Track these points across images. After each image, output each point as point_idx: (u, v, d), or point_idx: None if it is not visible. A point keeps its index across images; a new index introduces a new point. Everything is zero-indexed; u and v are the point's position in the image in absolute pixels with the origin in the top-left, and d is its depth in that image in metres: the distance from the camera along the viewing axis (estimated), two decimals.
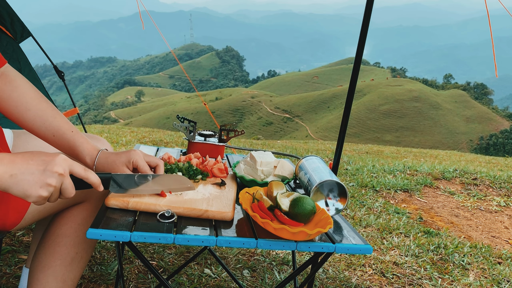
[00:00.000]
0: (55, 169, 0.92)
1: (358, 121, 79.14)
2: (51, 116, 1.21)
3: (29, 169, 0.91)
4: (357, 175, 4.39)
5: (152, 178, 1.18)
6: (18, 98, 1.19)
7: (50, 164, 0.92)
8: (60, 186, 0.94)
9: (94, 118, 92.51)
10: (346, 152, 8.47)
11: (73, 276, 1.25)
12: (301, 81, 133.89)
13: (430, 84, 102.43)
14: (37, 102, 1.21)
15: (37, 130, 1.21)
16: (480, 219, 3.46)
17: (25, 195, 0.90)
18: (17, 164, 0.90)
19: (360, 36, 1.63)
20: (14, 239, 2.27)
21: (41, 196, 0.91)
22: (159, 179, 1.19)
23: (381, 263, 2.43)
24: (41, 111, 1.20)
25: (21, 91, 1.20)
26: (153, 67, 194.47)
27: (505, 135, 69.76)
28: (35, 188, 0.90)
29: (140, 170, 1.21)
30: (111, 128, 9.93)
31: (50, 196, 0.94)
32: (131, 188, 1.14)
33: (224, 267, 1.92)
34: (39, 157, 0.93)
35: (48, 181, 0.91)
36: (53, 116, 1.21)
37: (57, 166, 0.93)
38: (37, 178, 0.90)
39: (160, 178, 1.20)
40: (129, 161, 1.20)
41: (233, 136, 1.81)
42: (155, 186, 1.18)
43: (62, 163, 0.94)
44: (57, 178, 0.93)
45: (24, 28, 3.11)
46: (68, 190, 0.96)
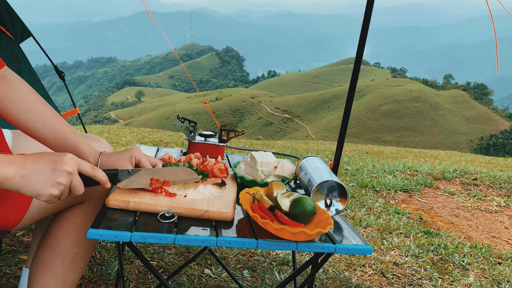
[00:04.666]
0: (65, 168, 0.95)
1: (358, 121, 79.12)
2: (53, 119, 1.22)
3: (39, 169, 0.93)
4: (357, 176, 4.39)
5: (159, 170, 1.23)
6: (18, 100, 1.19)
7: (59, 163, 0.95)
8: (70, 184, 0.97)
9: (94, 119, 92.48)
10: (346, 152, 8.47)
11: (74, 276, 1.25)
12: (301, 81, 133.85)
13: (430, 84, 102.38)
14: (38, 104, 1.21)
15: (37, 132, 1.21)
16: (480, 219, 3.46)
17: (36, 194, 0.93)
18: (28, 165, 0.93)
19: (361, 37, 1.63)
20: (14, 239, 2.27)
21: (52, 195, 0.94)
22: (165, 171, 1.24)
23: (381, 263, 2.43)
24: (42, 113, 1.21)
25: (21, 94, 1.20)
26: (153, 67, 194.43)
27: (505, 135, 69.72)
28: (46, 187, 0.93)
29: (141, 165, 1.26)
30: (111, 128, 9.93)
31: (61, 194, 0.97)
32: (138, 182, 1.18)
33: (224, 267, 1.92)
34: (48, 157, 0.96)
35: (58, 180, 0.94)
36: (54, 119, 1.22)
37: (66, 165, 0.95)
38: (48, 177, 0.93)
39: (166, 170, 1.25)
40: (132, 157, 1.25)
41: (233, 136, 1.81)
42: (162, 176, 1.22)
43: (71, 162, 0.97)
44: (67, 177, 0.95)
45: (24, 28, 3.10)
46: (77, 187, 0.99)
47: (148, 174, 1.20)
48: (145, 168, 1.22)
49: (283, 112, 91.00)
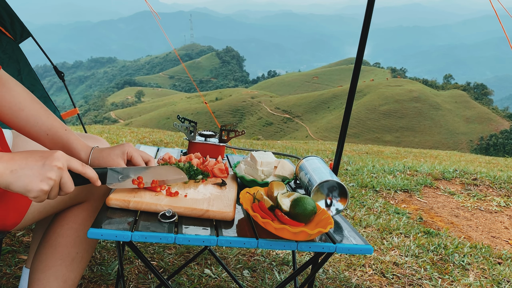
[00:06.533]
0: (54, 163, 0.94)
1: (358, 121, 79.13)
2: (44, 116, 1.22)
3: (28, 164, 0.92)
4: (357, 176, 4.39)
5: (148, 169, 1.23)
6: (11, 99, 1.20)
7: (49, 158, 0.94)
8: (60, 180, 0.96)
9: (94, 119, 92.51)
10: (346, 153, 8.47)
11: (74, 276, 1.25)
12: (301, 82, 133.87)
13: (430, 84, 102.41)
14: (30, 103, 1.22)
15: (29, 130, 1.22)
16: (480, 219, 3.46)
17: (26, 190, 0.92)
18: (17, 161, 0.92)
19: (361, 37, 1.63)
20: (14, 239, 2.27)
21: (42, 190, 0.92)
22: (154, 170, 1.23)
23: (381, 263, 2.43)
24: (35, 110, 1.21)
25: (14, 93, 1.21)
26: (153, 68, 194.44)
27: (505, 136, 69.72)
28: (35, 182, 0.92)
29: (133, 161, 1.25)
30: (111, 128, 9.93)
31: (50, 191, 0.95)
32: (128, 180, 1.17)
33: (224, 267, 1.92)
34: (37, 154, 0.95)
35: (48, 175, 0.93)
36: (46, 116, 1.22)
37: (56, 160, 0.95)
38: (37, 172, 0.92)
39: (156, 169, 1.24)
40: (123, 153, 1.24)
41: (234, 137, 1.81)
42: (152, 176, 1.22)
43: (61, 158, 0.96)
44: (57, 172, 0.94)
45: (24, 29, 3.10)
46: (67, 184, 0.98)
47: (137, 174, 1.20)
48: (135, 167, 1.21)
49: (283, 112, 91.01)
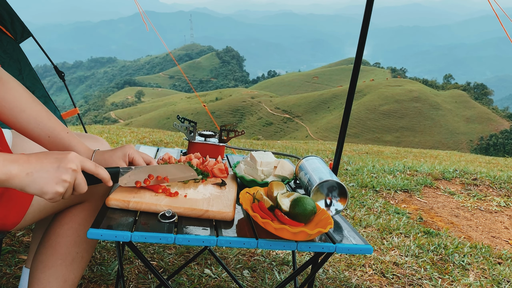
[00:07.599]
0: (69, 165, 0.96)
1: (358, 121, 79.12)
2: (46, 118, 1.22)
3: (44, 167, 0.94)
4: (357, 175, 4.39)
5: (159, 167, 1.24)
6: (12, 99, 1.20)
7: (64, 161, 0.96)
8: (74, 182, 0.98)
9: (94, 119, 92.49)
10: (346, 153, 8.48)
11: (74, 276, 1.25)
12: (301, 82, 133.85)
13: (430, 84, 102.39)
14: (32, 104, 1.22)
15: (31, 131, 1.21)
16: (480, 219, 3.46)
17: (41, 192, 0.93)
18: (32, 163, 0.93)
19: (360, 37, 1.63)
20: (14, 239, 2.27)
21: (57, 192, 0.94)
22: (164, 168, 1.24)
23: (381, 263, 2.43)
24: (36, 112, 1.21)
25: (15, 93, 1.20)
26: (153, 68, 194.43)
27: (505, 136, 69.73)
28: (51, 185, 0.93)
29: (135, 163, 1.26)
30: (111, 128, 9.93)
31: (65, 192, 0.97)
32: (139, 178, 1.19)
33: (224, 267, 1.92)
34: (52, 156, 0.96)
35: (63, 177, 0.94)
36: (47, 118, 1.22)
37: (70, 163, 0.96)
38: (52, 175, 0.94)
39: (165, 167, 1.25)
40: (125, 155, 1.25)
41: (233, 137, 1.81)
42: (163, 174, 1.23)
43: (75, 160, 0.98)
44: (71, 174, 0.96)
45: (24, 28, 3.10)
46: (81, 185, 1.00)
47: (148, 172, 1.21)
48: (145, 166, 1.23)
49: (283, 112, 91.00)
